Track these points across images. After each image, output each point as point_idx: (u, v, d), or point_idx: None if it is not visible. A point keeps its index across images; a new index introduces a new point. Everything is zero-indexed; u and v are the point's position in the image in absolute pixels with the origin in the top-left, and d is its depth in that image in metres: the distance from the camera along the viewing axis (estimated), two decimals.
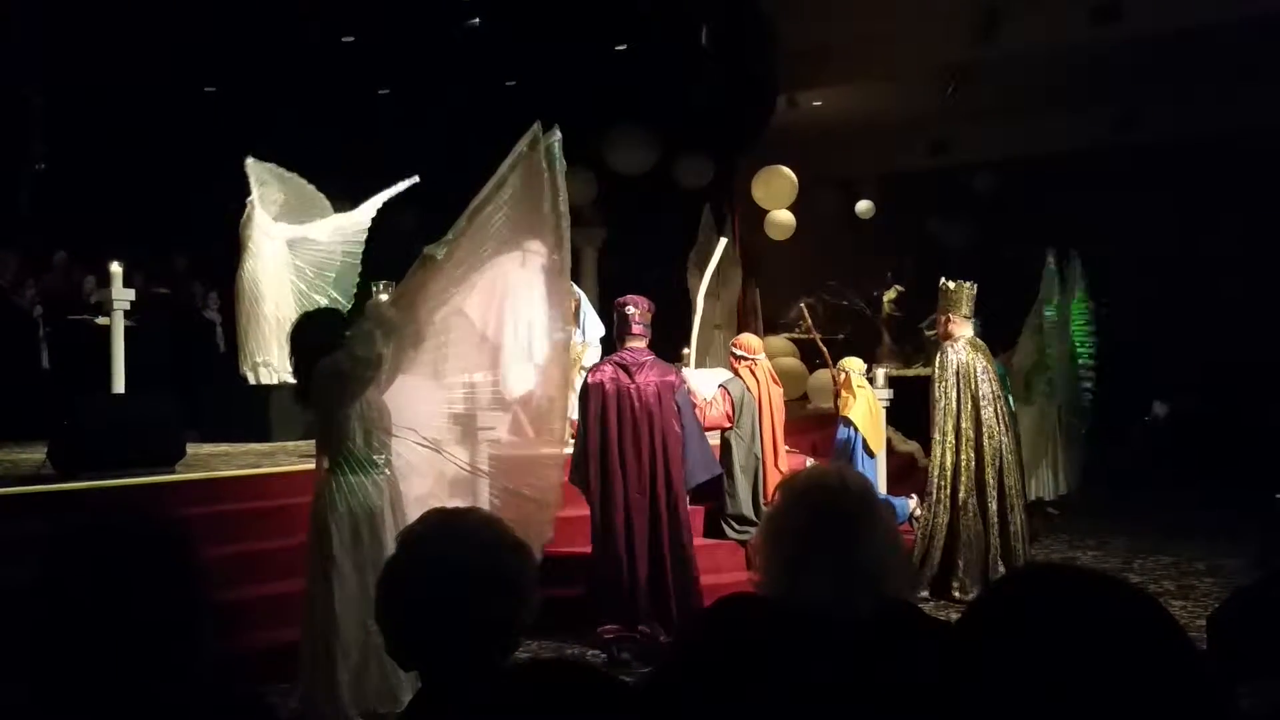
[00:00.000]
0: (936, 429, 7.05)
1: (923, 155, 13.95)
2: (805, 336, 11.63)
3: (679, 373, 6.21)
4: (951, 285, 7.29)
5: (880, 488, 7.47)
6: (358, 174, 11.15)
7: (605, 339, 7.70)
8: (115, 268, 7.28)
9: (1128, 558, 8.00)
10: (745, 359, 6.97)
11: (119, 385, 7.13)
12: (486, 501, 4.51)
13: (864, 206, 14.66)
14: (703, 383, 6.69)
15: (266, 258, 8.93)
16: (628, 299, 5.99)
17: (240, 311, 9.07)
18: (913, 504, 7.64)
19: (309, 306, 8.18)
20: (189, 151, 10.67)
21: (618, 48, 11.69)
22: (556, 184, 4.67)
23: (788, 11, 11.38)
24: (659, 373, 5.89)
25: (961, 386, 7.01)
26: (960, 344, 7.14)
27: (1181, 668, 1.02)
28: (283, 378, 8.75)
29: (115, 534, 1.53)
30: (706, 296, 8.12)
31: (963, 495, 6.95)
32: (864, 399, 7.81)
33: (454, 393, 4.65)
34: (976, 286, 7.34)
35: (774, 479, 6.64)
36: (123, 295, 7.23)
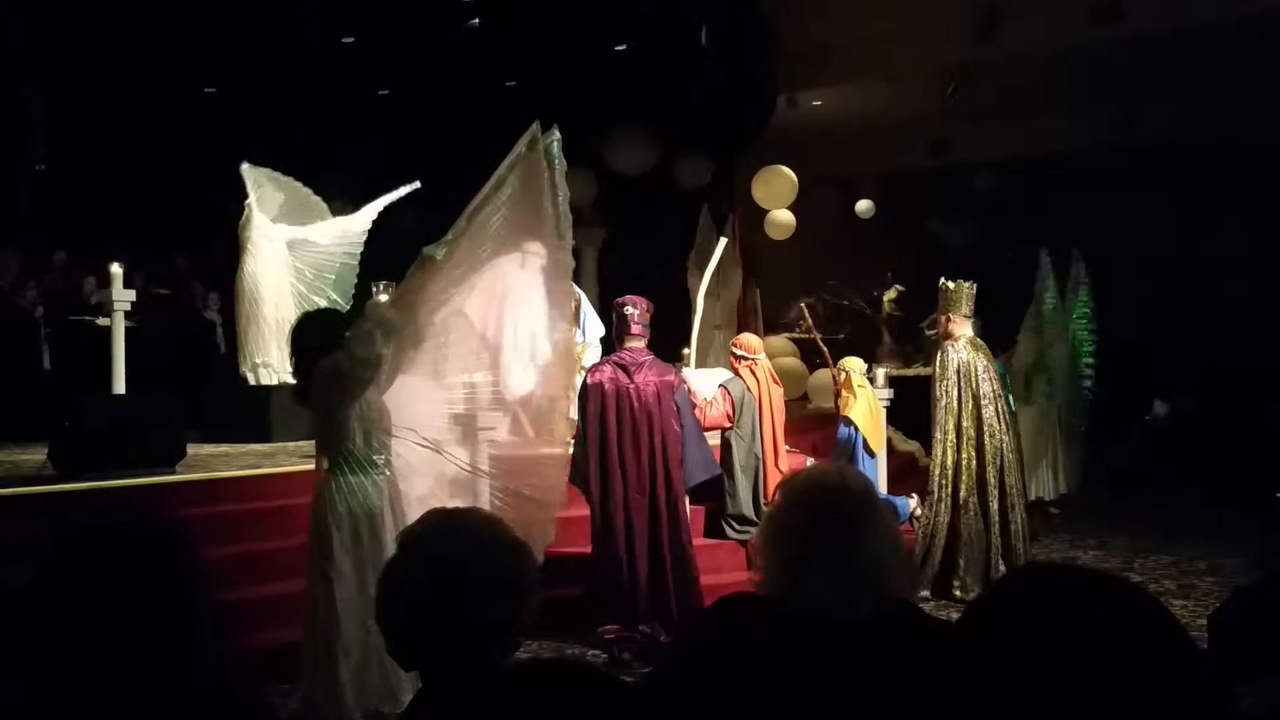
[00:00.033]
0: (938, 428, 7.05)
1: (923, 155, 13.94)
2: (805, 336, 11.62)
3: (678, 372, 6.21)
4: (951, 285, 7.30)
5: (881, 487, 7.47)
6: (357, 174, 11.16)
7: (605, 339, 7.70)
8: (115, 269, 7.29)
9: (1128, 557, 8.00)
10: (745, 359, 6.97)
11: (119, 386, 7.14)
12: (487, 502, 4.51)
13: (864, 206, 14.66)
14: (703, 383, 6.69)
15: (266, 259, 8.92)
16: (626, 299, 5.99)
17: (240, 312, 9.07)
18: (913, 504, 7.64)
19: (309, 308, 8.17)
20: (189, 151, 10.66)
21: (618, 48, 11.69)
22: (556, 184, 4.67)
23: (788, 11, 11.38)
24: (658, 372, 5.89)
25: (962, 385, 7.02)
26: (961, 343, 7.14)
27: (1182, 667, 1.02)
28: (282, 378, 8.75)
29: (116, 534, 1.53)
30: (706, 296, 8.12)
31: (963, 494, 6.96)
32: (864, 399, 7.80)
33: (454, 393, 4.65)
34: (976, 286, 7.35)
35: (774, 479, 6.64)
36: (123, 296, 7.24)
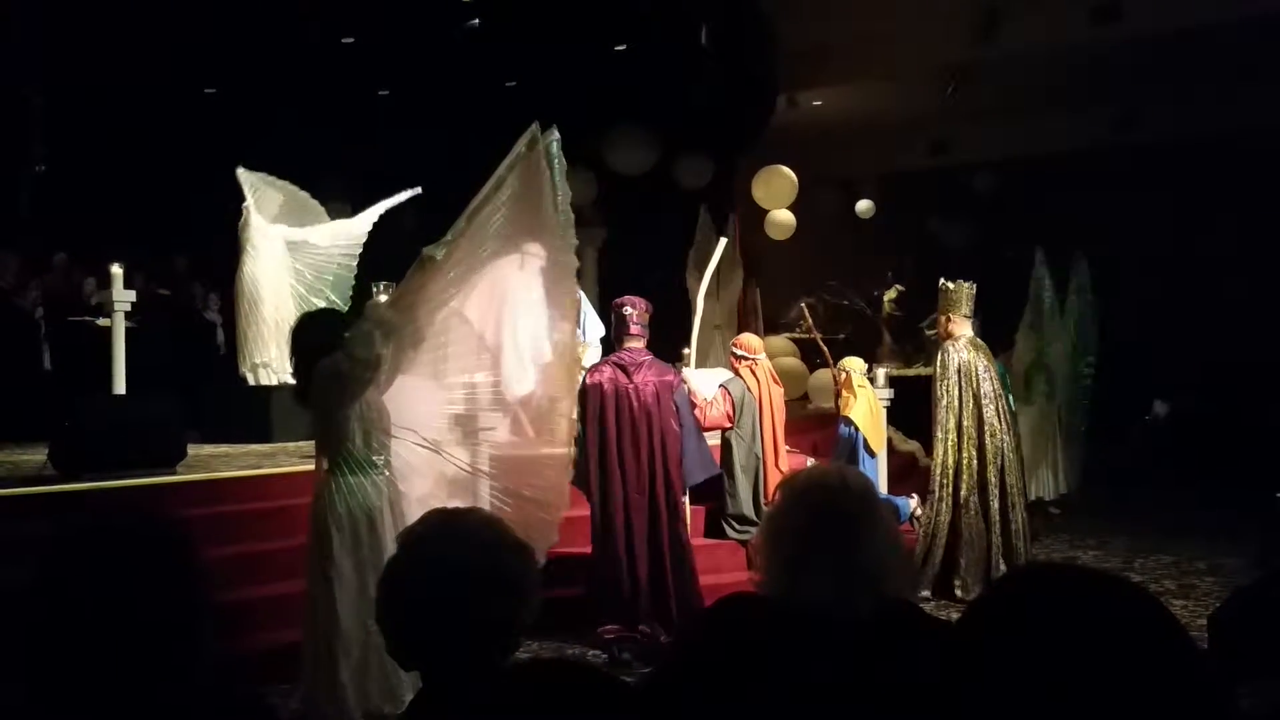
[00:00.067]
0: (939, 427, 7.05)
1: (923, 155, 13.95)
2: (806, 336, 11.63)
3: (678, 373, 6.21)
4: (951, 285, 7.30)
5: (881, 487, 7.47)
6: (357, 175, 11.16)
7: (605, 339, 7.70)
8: (116, 269, 7.29)
9: (1128, 557, 8.00)
10: (746, 359, 6.97)
11: (120, 386, 7.14)
12: (487, 502, 4.50)
13: (864, 206, 14.66)
14: (703, 383, 6.69)
15: (265, 260, 8.92)
16: (625, 300, 5.99)
17: (239, 313, 9.07)
18: (913, 504, 7.64)
19: (307, 309, 8.17)
20: (189, 152, 10.66)
21: (618, 48, 11.69)
22: (556, 184, 4.66)
23: (788, 11, 11.38)
24: (657, 372, 5.89)
25: (963, 385, 7.02)
26: (961, 343, 7.15)
27: (1182, 667, 1.02)
28: (282, 379, 8.75)
29: (116, 535, 1.53)
30: (706, 297, 8.11)
31: (964, 493, 6.96)
32: (865, 399, 7.80)
33: (454, 393, 4.64)
34: (976, 286, 7.35)
35: (774, 479, 6.64)
36: (123, 297, 7.24)
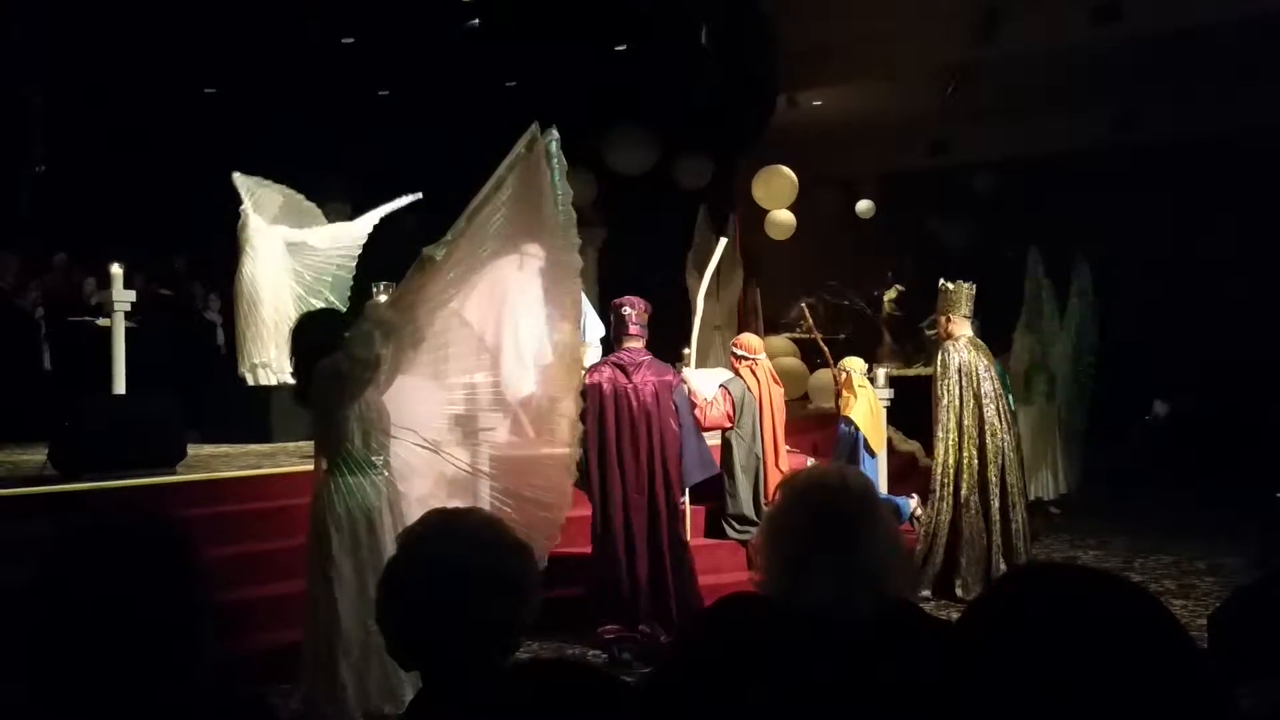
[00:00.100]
0: (940, 426, 7.05)
1: (923, 155, 13.95)
2: (806, 336, 11.63)
3: (677, 372, 6.21)
4: (951, 286, 7.30)
5: (881, 487, 7.47)
6: (357, 175, 11.16)
7: (605, 339, 7.70)
8: (116, 269, 7.28)
9: (1128, 557, 8.00)
10: (746, 359, 6.98)
11: (120, 386, 7.13)
12: (487, 503, 4.50)
13: (864, 206, 14.66)
14: (703, 383, 6.69)
15: (264, 260, 8.91)
16: (624, 300, 5.99)
17: (238, 313, 9.07)
18: (913, 504, 7.64)
19: (307, 309, 8.16)
20: (189, 151, 10.66)
21: (618, 48, 11.69)
22: (556, 185, 4.66)
23: (788, 11, 11.38)
24: (656, 372, 5.89)
25: (964, 384, 7.02)
26: (961, 343, 7.15)
27: (1182, 667, 1.02)
28: (281, 378, 8.75)
29: (116, 535, 1.53)
30: (706, 297, 8.11)
31: (964, 493, 6.96)
32: (865, 399, 7.80)
33: (454, 394, 4.64)
34: (975, 287, 7.35)
35: (775, 479, 6.65)
36: (123, 297, 7.23)
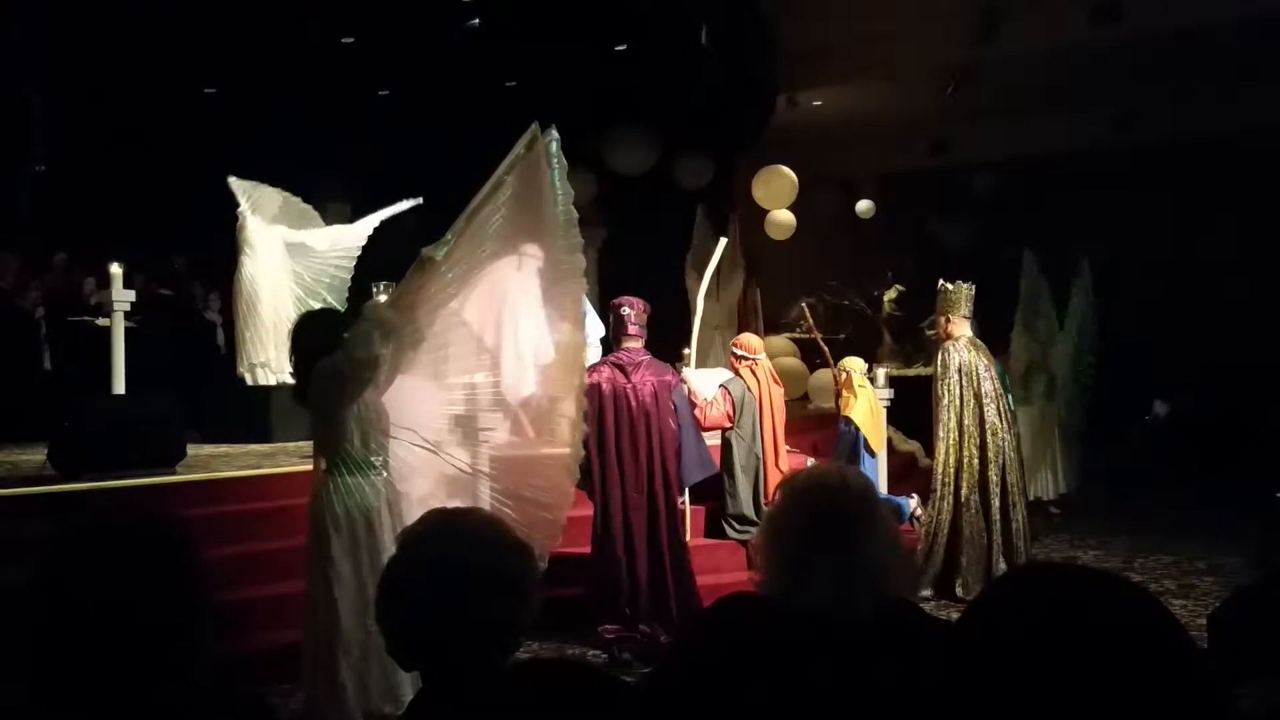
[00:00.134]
0: (941, 426, 7.05)
1: (923, 155, 13.95)
2: (806, 336, 11.63)
3: (676, 372, 6.21)
4: (950, 286, 7.30)
5: (881, 487, 7.47)
6: (357, 175, 11.16)
7: (605, 339, 7.70)
8: (115, 269, 7.28)
9: (1128, 557, 8.01)
10: (746, 359, 6.98)
11: (119, 386, 7.13)
12: (487, 503, 4.50)
13: (864, 206, 14.66)
14: (703, 383, 6.69)
15: (263, 260, 8.92)
16: (623, 300, 5.99)
17: (237, 313, 9.07)
18: (913, 504, 7.64)
19: (305, 309, 8.15)
20: (189, 151, 10.66)
21: (618, 48, 11.68)
22: (556, 185, 4.65)
23: (788, 11, 11.38)
24: (655, 372, 5.89)
25: (964, 384, 7.02)
26: (961, 343, 7.15)
27: (1182, 667, 1.02)
28: (280, 378, 8.74)
29: (116, 535, 1.53)
30: (706, 297, 8.12)
31: (965, 492, 6.96)
32: (865, 399, 7.80)
33: (454, 394, 4.64)
34: (975, 287, 7.35)
35: (775, 479, 6.65)
36: (123, 296, 7.23)
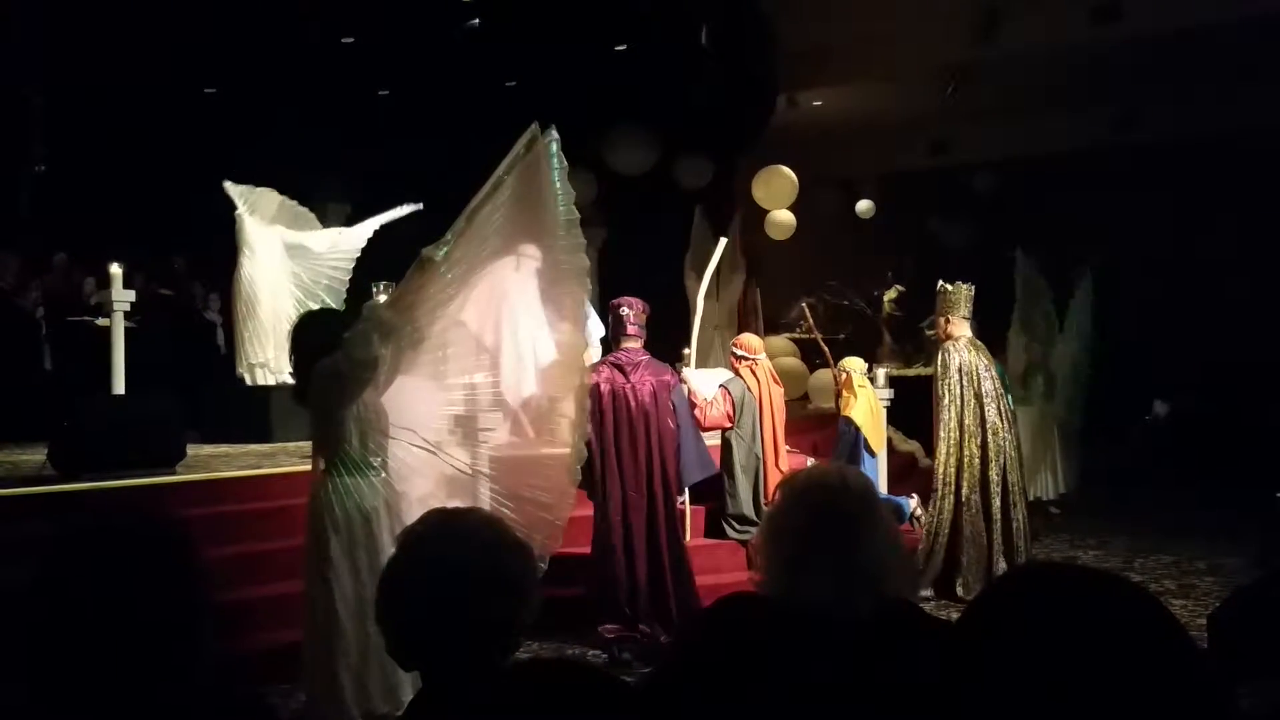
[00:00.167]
0: (942, 426, 7.05)
1: (923, 155, 13.94)
2: (806, 336, 11.63)
3: (675, 372, 6.21)
4: (950, 287, 7.30)
5: (881, 487, 7.47)
6: (357, 175, 11.15)
7: (605, 339, 7.70)
8: (115, 269, 7.29)
9: (1128, 557, 8.01)
10: (746, 359, 6.98)
11: (119, 386, 7.13)
12: (487, 503, 4.49)
13: (864, 206, 14.66)
14: (703, 383, 6.69)
15: (263, 260, 8.92)
16: (622, 300, 6.00)
17: (236, 314, 9.07)
18: (913, 504, 7.64)
19: (304, 310, 8.15)
20: (189, 152, 10.66)
21: (618, 48, 11.68)
22: (556, 185, 4.65)
23: (788, 11, 11.37)
24: (654, 372, 5.90)
25: (965, 384, 7.02)
26: (961, 343, 7.16)
27: (1182, 667, 1.02)
28: (279, 378, 8.74)
29: (116, 535, 1.53)
30: (706, 297, 8.12)
31: (965, 491, 6.96)
32: (865, 399, 7.80)
33: (454, 394, 4.64)
34: (974, 288, 7.35)
35: (775, 479, 6.65)
36: (123, 296, 7.23)
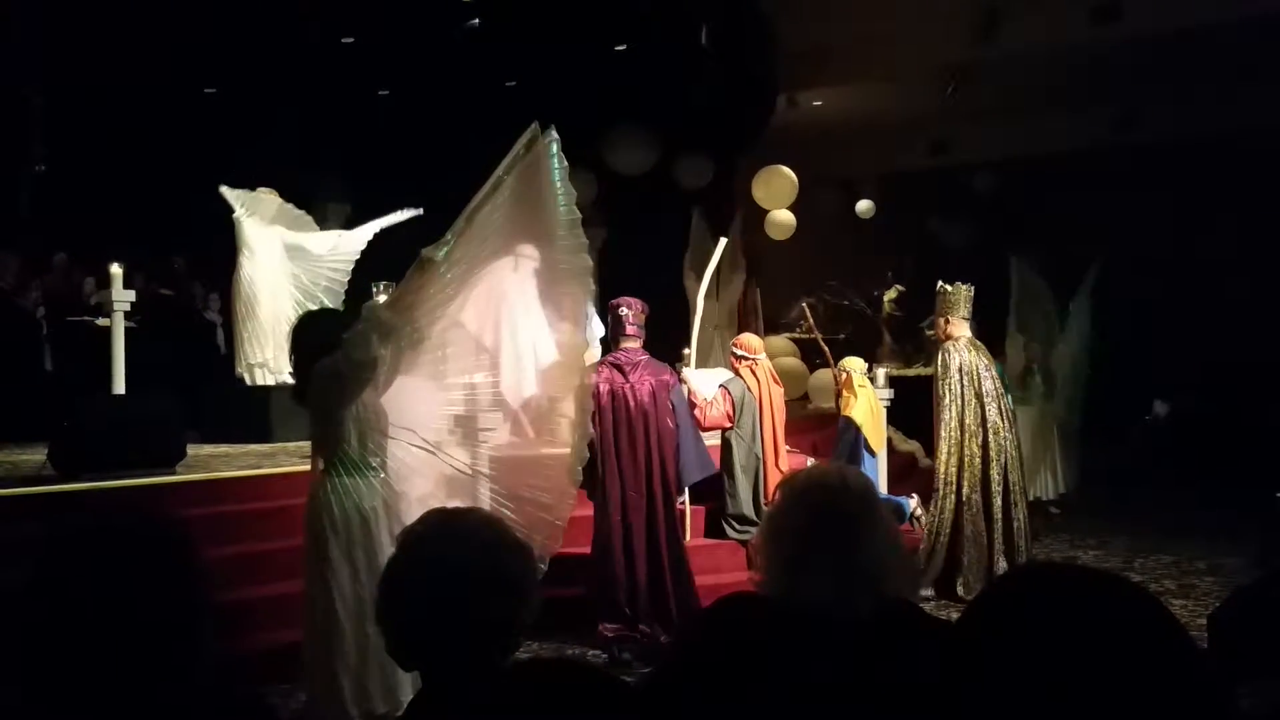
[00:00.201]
0: (943, 425, 7.05)
1: (923, 155, 13.94)
2: (806, 336, 11.63)
3: (674, 372, 6.22)
4: (950, 288, 7.30)
5: (881, 487, 7.47)
6: (357, 175, 11.15)
7: (605, 339, 7.70)
8: (115, 269, 7.28)
9: (1129, 557, 8.01)
10: (746, 359, 6.98)
11: (119, 386, 7.13)
12: (487, 503, 4.49)
13: (864, 206, 14.65)
14: (703, 383, 6.69)
15: (262, 261, 8.91)
16: (621, 300, 6.00)
17: (236, 314, 9.06)
18: (913, 504, 7.65)
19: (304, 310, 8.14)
20: (189, 152, 10.66)
21: (618, 48, 11.68)
22: (556, 185, 4.65)
23: (788, 11, 11.37)
24: (653, 372, 5.90)
25: (965, 384, 7.02)
26: (961, 343, 7.16)
27: (1182, 667, 1.02)
28: (279, 378, 8.74)
29: (116, 535, 1.52)
30: (706, 297, 8.12)
31: (966, 491, 6.97)
32: (865, 399, 7.80)
33: (454, 394, 4.64)
34: (974, 288, 7.35)
35: (775, 479, 6.65)
36: (123, 296, 7.23)
